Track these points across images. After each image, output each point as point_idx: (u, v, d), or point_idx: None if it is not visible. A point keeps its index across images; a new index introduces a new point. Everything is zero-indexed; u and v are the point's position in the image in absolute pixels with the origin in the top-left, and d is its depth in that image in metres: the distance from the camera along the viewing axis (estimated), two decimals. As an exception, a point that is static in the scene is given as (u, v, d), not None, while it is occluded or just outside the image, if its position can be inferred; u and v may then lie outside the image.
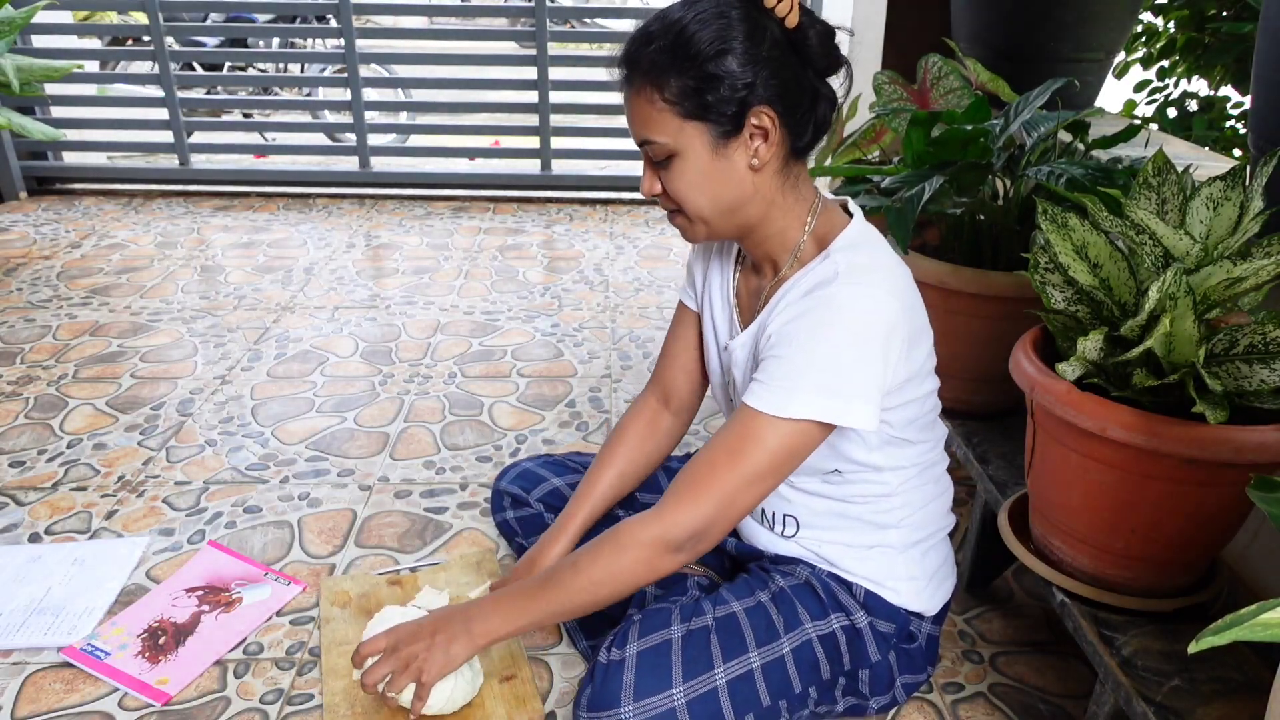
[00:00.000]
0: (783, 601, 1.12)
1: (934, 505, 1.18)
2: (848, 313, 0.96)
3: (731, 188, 1.02)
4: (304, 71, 4.76)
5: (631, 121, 1.02)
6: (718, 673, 1.04)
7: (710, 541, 1.02)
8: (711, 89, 0.96)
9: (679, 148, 0.99)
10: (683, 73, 0.96)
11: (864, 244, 1.04)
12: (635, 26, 1.01)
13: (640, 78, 0.99)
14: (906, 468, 1.12)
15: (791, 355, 0.97)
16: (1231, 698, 0.98)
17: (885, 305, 0.98)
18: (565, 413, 2.05)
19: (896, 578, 1.14)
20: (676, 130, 0.98)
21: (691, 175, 1.01)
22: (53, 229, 3.24)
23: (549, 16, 3.44)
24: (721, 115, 0.97)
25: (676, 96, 0.97)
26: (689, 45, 0.96)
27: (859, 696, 1.15)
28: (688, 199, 1.03)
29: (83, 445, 1.88)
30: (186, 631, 1.37)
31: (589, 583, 1.02)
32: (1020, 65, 2.05)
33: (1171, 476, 0.98)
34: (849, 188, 1.58)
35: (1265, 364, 0.94)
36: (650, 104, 0.98)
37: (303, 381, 2.18)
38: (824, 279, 1.00)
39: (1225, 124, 2.70)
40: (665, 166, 1.02)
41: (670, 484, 1.04)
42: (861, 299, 0.97)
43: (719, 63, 0.95)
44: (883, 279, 0.99)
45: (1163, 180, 1.07)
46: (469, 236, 3.27)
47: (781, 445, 0.98)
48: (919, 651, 1.18)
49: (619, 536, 1.02)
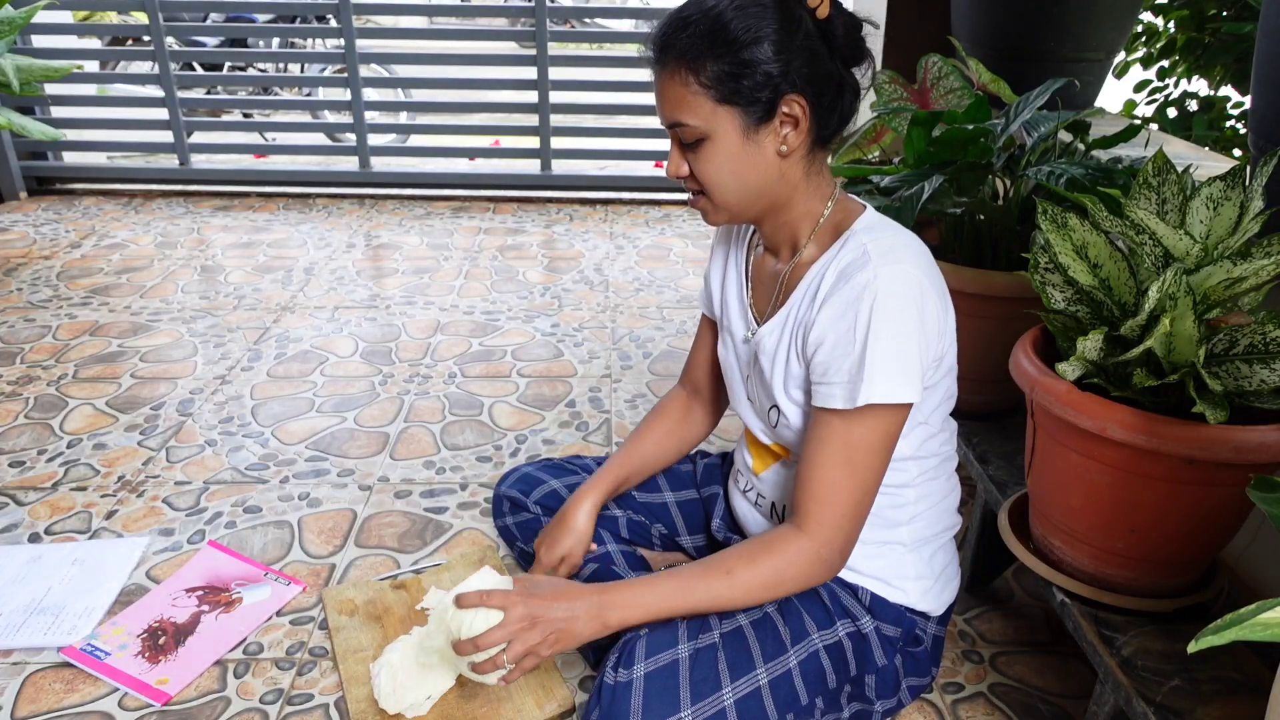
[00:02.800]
0: (789, 612, 1.12)
1: (945, 503, 1.19)
2: (891, 292, 0.98)
3: (759, 172, 1.04)
4: (304, 71, 4.75)
5: (662, 103, 1.03)
6: (725, 693, 1.03)
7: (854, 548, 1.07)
8: (748, 75, 0.98)
9: (711, 131, 1.00)
10: (719, 58, 0.97)
11: (882, 225, 1.07)
12: (669, 10, 1.02)
13: (675, 61, 0.99)
14: (927, 457, 1.13)
15: (854, 350, 0.99)
16: (1231, 698, 0.98)
17: (919, 280, 1.00)
18: (565, 413, 2.05)
19: (905, 577, 1.14)
20: (710, 114, 1.00)
21: (722, 159, 1.02)
22: (53, 229, 3.24)
23: (549, 16, 3.45)
24: (755, 101, 0.99)
25: (712, 81, 0.98)
26: (726, 31, 0.97)
27: (864, 702, 1.15)
28: (716, 182, 1.04)
29: (83, 445, 1.88)
30: (186, 631, 1.37)
31: (748, 593, 1.05)
32: (1020, 65, 2.05)
33: (1171, 476, 0.98)
34: (849, 188, 1.58)
35: (1265, 364, 0.94)
36: (685, 87, 0.99)
37: (303, 381, 2.18)
38: (853, 261, 1.02)
39: (1225, 124, 2.70)
40: (694, 149, 1.03)
41: (798, 499, 1.05)
42: (898, 278, 0.99)
43: (755, 49, 0.97)
44: (909, 255, 1.02)
45: (1163, 180, 1.07)
46: (469, 236, 3.27)
47: (878, 436, 1.01)
48: (924, 654, 1.18)
49: (776, 554, 1.04)
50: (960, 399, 1.63)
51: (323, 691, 1.27)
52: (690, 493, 1.43)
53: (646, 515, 1.42)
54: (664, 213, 3.59)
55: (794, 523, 1.05)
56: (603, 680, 1.05)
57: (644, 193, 3.75)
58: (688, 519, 1.42)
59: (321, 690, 1.27)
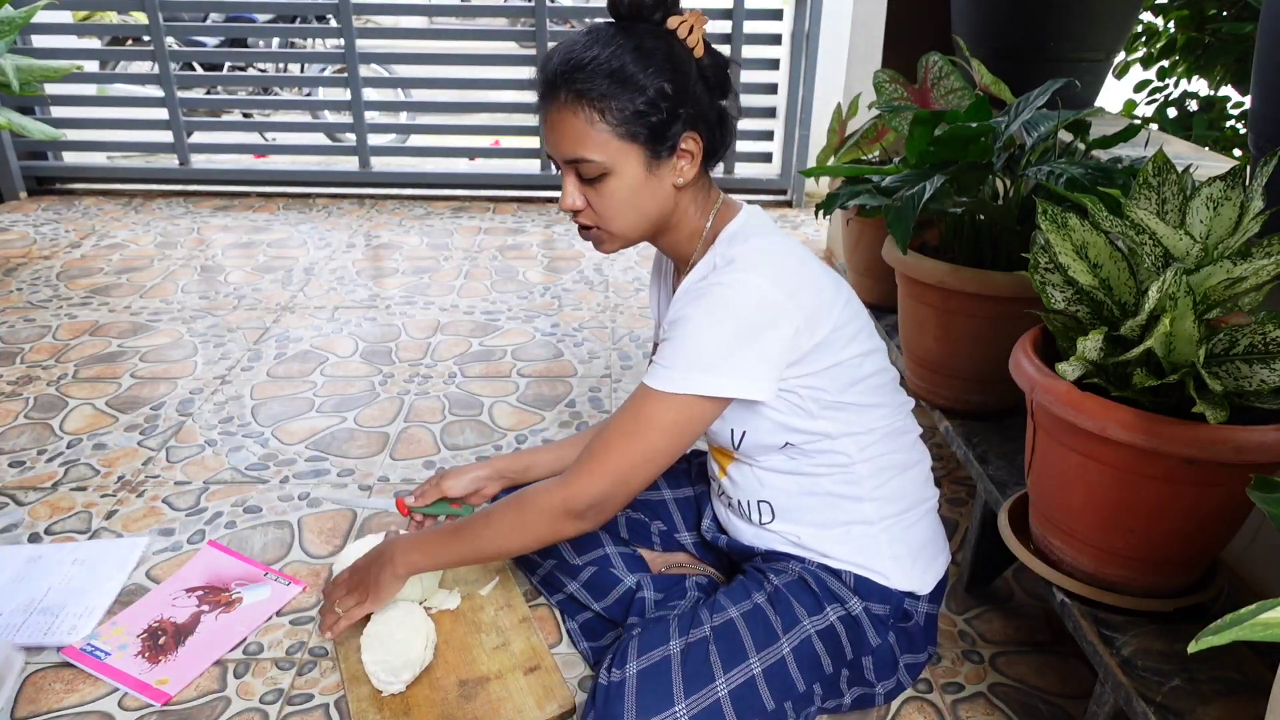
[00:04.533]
0: (779, 601, 1.13)
1: (908, 475, 1.19)
2: (725, 296, 1.03)
3: (658, 203, 1.10)
4: (304, 71, 4.75)
5: (559, 139, 1.06)
6: (719, 684, 1.04)
7: (610, 511, 1.10)
8: (655, 113, 1.04)
9: (614, 167, 1.05)
10: (623, 98, 1.03)
11: (743, 234, 1.13)
12: (557, 49, 1.07)
13: (574, 99, 1.03)
14: (862, 434, 1.13)
15: (679, 337, 1.04)
16: (1231, 698, 0.98)
17: (759, 286, 1.03)
18: (565, 413, 2.05)
19: (880, 557, 1.15)
20: (615, 150, 1.05)
21: (623, 193, 1.07)
22: (53, 229, 3.24)
23: (549, 16, 3.45)
24: (660, 139, 1.06)
25: (618, 119, 1.03)
26: (628, 73, 1.02)
27: (865, 685, 1.16)
28: (615, 215, 1.09)
29: (83, 445, 1.88)
30: (186, 631, 1.37)
31: (497, 535, 1.14)
32: (1020, 65, 2.05)
33: (1171, 476, 0.98)
34: (849, 188, 1.58)
35: (1265, 364, 0.94)
36: (589, 124, 1.03)
37: (303, 381, 2.18)
38: (707, 271, 1.10)
39: (1225, 124, 2.70)
40: (595, 184, 1.07)
41: (580, 453, 1.11)
42: (738, 284, 1.03)
43: (657, 91, 1.03)
44: (758, 263, 1.05)
45: (1163, 180, 1.06)
46: (469, 236, 3.27)
47: (673, 421, 1.05)
48: (917, 630, 1.18)
49: (527, 499, 1.12)
50: (960, 399, 1.63)
51: (323, 691, 1.27)
52: (687, 490, 1.45)
53: (645, 512, 1.43)
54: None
55: (561, 475, 1.11)
56: (597, 681, 1.07)
57: (644, 193, 3.75)
58: (685, 515, 1.43)
59: (321, 690, 1.27)
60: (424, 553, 1.19)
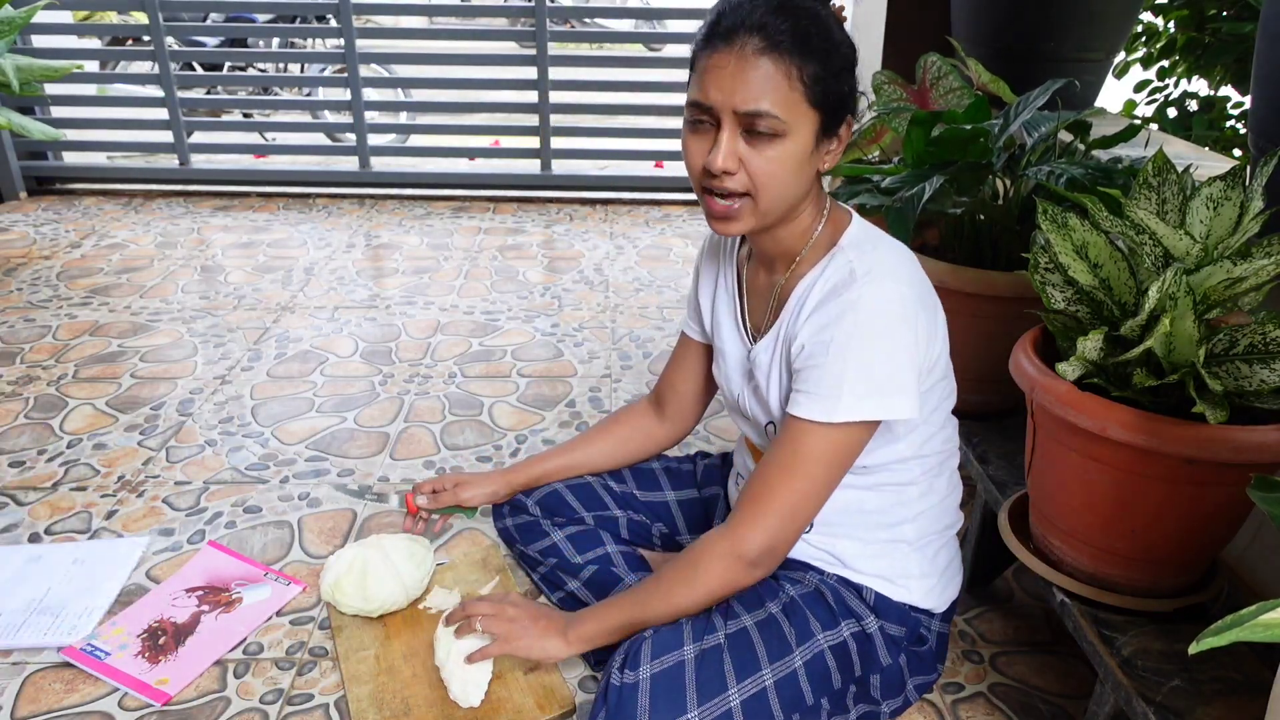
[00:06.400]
0: (793, 612, 1.12)
1: (949, 500, 1.19)
2: (873, 311, 0.99)
3: (803, 185, 1.03)
4: (304, 71, 4.75)
5: (744, 88, 0.95)
6: (731, 694, 1.03)
7: (784, 552, 1.08)
8: (844, 85, 0.99)
9: (791, 129, 0.97)
10: (824, 62, 0.97)
11: (867, 240, 1.08)
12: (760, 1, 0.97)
13: (774, 50, 0.95)
14: (928, 456, 1.13)
15: (829, 363, 1.00)
16: (1231, 698, 0.98)
17: (903, 296, 1.01)
18: (565, 413, 2.05)
19: (909, 575, 1.14)
20: (801, 114, 0.97)
21: (791, 161, 0.99)
22: (53, 229, 3.24)
23: (549, 16, 3.44)
24: (835, 115, 1.00)
25: (812, 80, 0.96)
26: (836, 39, 0.98)
27: (870, 703, 1.15)
28: (773, 183, 0.99)
29: (83, 445, 1.88)
30: (186, 631, 1.37)
31: (671, 594, 1.10)
32: (1020, 65, 2.05)
33: (1171, 476, 0.98)
34: (849, 188, 1.58)
35: (1265, 364, 0.94)
36: (786, 78, 0.95)
37: (303, 381, 2.18)
38: (841, 280, 1.03)
39: (1225, 124, 2.70)
40: (759, 144, 0.98)
41: (738, 499, 1.08)
42: (882, 296, 1.00)
43: (847, 64, 0.99)
44: (893, 270, 1.03)
45: (1163, 180, 1.07)
46: (469, 236, 3.27)
47: (833, 451, 1.02)
48: (929, 653, 1.18)
49: (696, 555, 1.09)
50: (960, 399, 1.62)
51: (323, 691, 1.27)
52: (691, 492, 1.44)
53: (648, 515, 1.43)
54: (664, 213, 3.59)
55: (724, 522, 1.08)
56: (609, 681, 1.05)
57: (644, 193, 3.75)
58: (688, 518, 1.43)
59: (321, 690, 1.27)
60: (599, 623, 1.14)
